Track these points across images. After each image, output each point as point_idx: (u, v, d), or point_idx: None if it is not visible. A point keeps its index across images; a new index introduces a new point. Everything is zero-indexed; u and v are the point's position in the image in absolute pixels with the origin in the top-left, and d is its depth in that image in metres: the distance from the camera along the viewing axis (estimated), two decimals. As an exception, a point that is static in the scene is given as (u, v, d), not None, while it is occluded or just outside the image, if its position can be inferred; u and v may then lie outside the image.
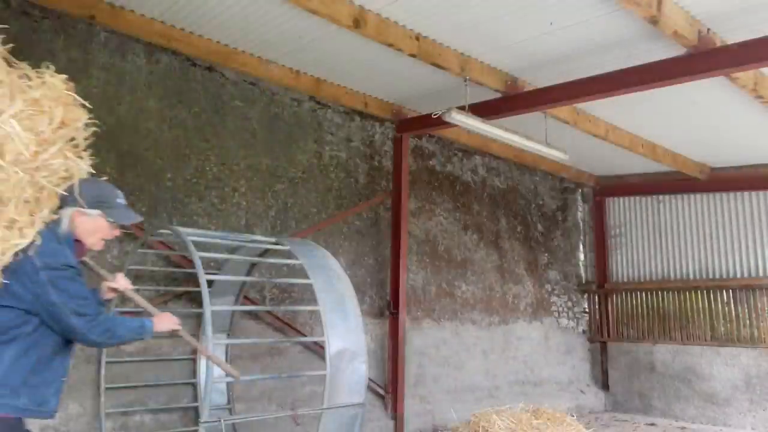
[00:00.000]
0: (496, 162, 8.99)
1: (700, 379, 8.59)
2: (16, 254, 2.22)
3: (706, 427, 8.28)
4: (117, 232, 2.68)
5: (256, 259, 5.22)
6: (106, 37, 5.16)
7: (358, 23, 4.70)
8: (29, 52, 4.74)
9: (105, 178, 2.71)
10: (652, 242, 9.53)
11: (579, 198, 10.44)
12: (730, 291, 8.55)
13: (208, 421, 3.79)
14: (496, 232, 8.84)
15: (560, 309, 9.72)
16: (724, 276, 8.67)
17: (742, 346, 8.28)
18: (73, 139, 2.42)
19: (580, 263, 10.30)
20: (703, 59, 4.78)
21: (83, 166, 2.43)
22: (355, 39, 5.13)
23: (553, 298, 9.64)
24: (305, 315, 6.28)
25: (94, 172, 2.57)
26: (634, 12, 4.34)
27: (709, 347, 8.58)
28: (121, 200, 2.70)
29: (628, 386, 9.35)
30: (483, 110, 5.94)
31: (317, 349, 6.15)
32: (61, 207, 2.43)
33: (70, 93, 2.45)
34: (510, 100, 5.98)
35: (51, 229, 2.37)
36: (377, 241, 7.18)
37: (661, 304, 9.25)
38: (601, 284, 9.95)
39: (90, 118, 2.65)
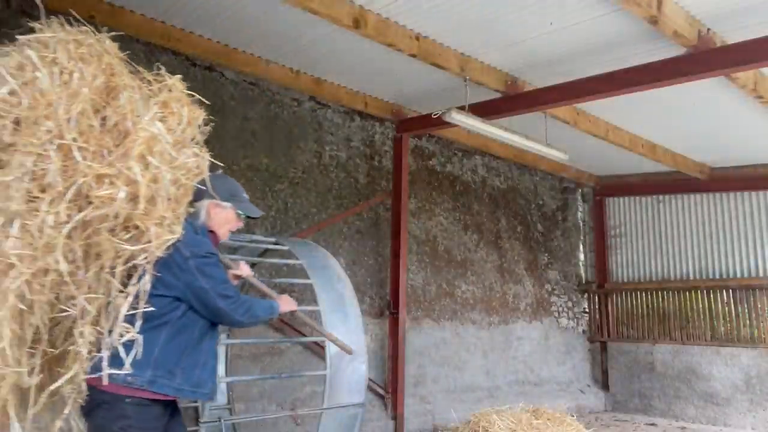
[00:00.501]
0: (496, 162, 9.00)
1: (700, 379, 8.59)
2: (167, 248, 2.36)
3: (706, 427, 8.28)
4: (241, 224, 2.88)
5: (256, 259, 5.22)
6: (106, 37, 5.16)
7: (358, 23, 4.70)
8: (29, 52, 4.76)
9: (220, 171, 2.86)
10: (652, 242, 9.53)
11: (579, 198, 10.44)
12: (730, 291, 8.55)
13: (208, 421, 3.79)
14: (496, 232, 8.84)
15: (560, 309, 9.72)
16: (724, 276, 8.67)
17: (742, 346, 8.27)
18: (194, 137, 2.56)
19: (580, 263, 10.30)
20: (703, 59, 4.77)
21: (206, 162, 2.55)
22: (355, 39, 5.13)
23: (553, 298, 9.64)
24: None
25: (223, 166, 2.80)
26: (634, 12, 4.33)
27: (709, 347, 8.58)
28: (245, 195, 2.91)
29: (628, 386, 9.35)
30: (483, 110, 5.94)
31: (317, 349, 6.15)
32: (196, 200, 2.60)
33: (189, 93, 2.58)
34: (510, 100, 5.98)
35: (189, 221, 2.54)
36: (377, 241, 7.18)
37: (661, 304, 9.25)
38: (601, 284, 9.95)
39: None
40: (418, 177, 7.83)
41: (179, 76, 2.60)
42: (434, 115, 5.99)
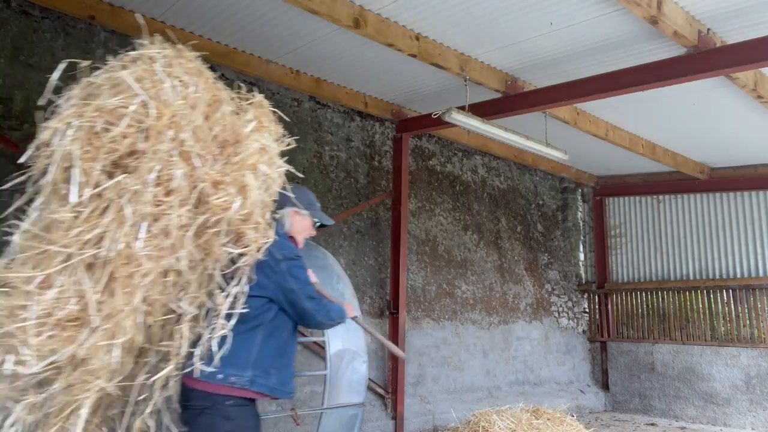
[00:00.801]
0: (496, 162, 9.00)
1: (700, 379, 8.59)
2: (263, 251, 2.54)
3: (706, 427, 8.28)
4: (315, 233, 3.04)
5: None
6: (106, 37, 5.16)
7: (358, 23, 4.70)
8: (29, 52, 4.75)
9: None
10: (652, 242, 9.53)
11: (579, 198, 10.44)
12: (730, 291, 8.55)
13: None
14: (496, 232, 8.84)
15: (560, 309, 9.72)
16: (724, 276, 8.67)
17: (742, 346, 8.27)
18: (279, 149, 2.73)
19: (580, 263, 10.30)
20: (703, 59, 4.77)
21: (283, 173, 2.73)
22: (355, 39, 5.13)
23: (553, 298, 9.64)
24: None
25: (302, 176, 2.86)
26: (634, 12, 4.34)
27: (709, 347, 8.58)
28: (319, 204, 3.09)
29: (628, 386, 9.35)
30: (483, 110, 5.94)
31: (317, 349, 6.15)
32: (278, 208, 2.79)
33: (273, 110, 2.76)
34: (510, 100, 5.98)
35: (274, 227, 2.71)
36: (377, 241, 7.18)
37: (661, 304, 9.26)
38: (601, 284, 9.95)
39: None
40: (418, 177, 7.83)
41: (262, 95, 2.77)
42: (434, 115, 5.99)
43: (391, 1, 4.65)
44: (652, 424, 8.36)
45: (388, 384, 6.82)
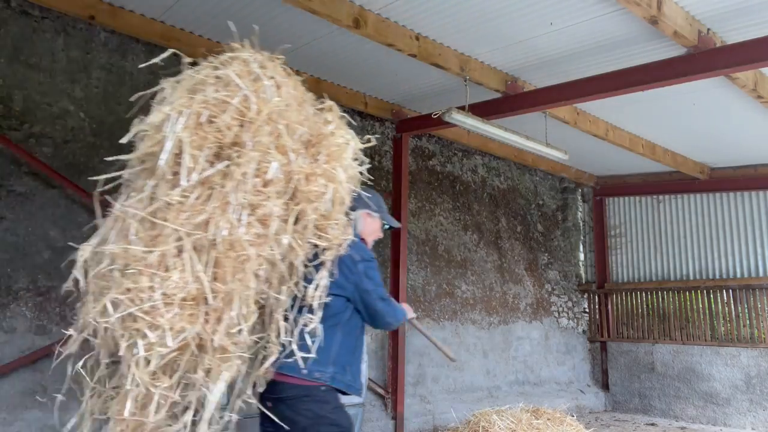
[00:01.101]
0: (496, 162, 8.99)
1: (700, 379, 8.59)
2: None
3: (706, 427, 8.28)
4: (382, 235, 3.16)
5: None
6: (106, 37, 5.16)
7: (358, 23, 4.70)
8: (29, 52, 4.75)
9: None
10: (652, 242, 9.53)
11: (579, 198, 10.44)
12: (730, 291, 8.55)
13: (208, 421, 3.78)
14: (496, 232, 8.84)
15: (560, 309, 9.72)
16: (724, 276, 8.67)
17: (742, 346, 8.27)
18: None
19: (580, 263, 10.30)
20: (703, 59, 4.77)
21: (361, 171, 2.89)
22: (355, 39, 5.13)
23: (553, 298, 9.64)
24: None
25: (372, 179, 3.04)
26: (634, 12, 4.33)
27: (709, 347, 8.58)
28: (386, 207, 3.19)
29: (628, 386, 9.35)
30: (483, 110, 5.93)
31: (317, 349, 6.15)
32: (351, 209, 2.85)
33: (343, 116, 2.95)
34: (510, 100, 5.98)
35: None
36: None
37: (661, 304, 9.25)
38: (601, 284, 9.95)
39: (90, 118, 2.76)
40: (418, 177, 7.83)
41: (332, 102, 2.95)
42: (434, 115, 5.99)
43: (391, 1, 4.64)
44: (652, 424, 8.35)
45: (388, 384, 6.82)
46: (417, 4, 4.67)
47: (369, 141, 2.93)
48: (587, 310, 10.10)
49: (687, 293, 8.98)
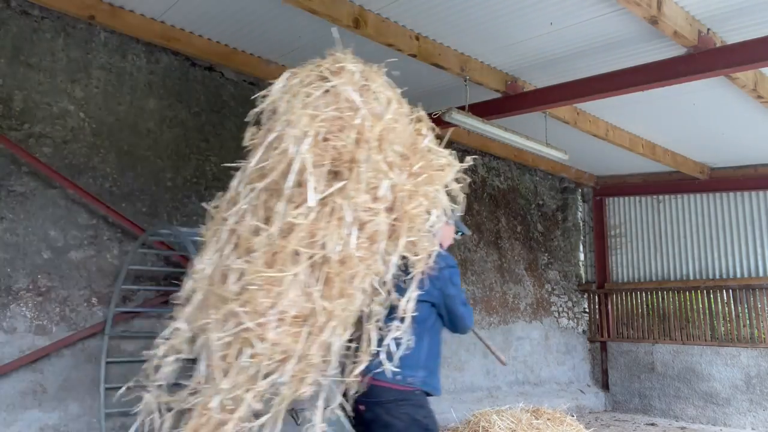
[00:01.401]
0: (496, 162, 8.99)
1: (700, 379, 8.59)
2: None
3: (706, 427, 8.28)
4: (453, 242, 3.20)
5: (256, 259, 5.22)
6: (106, 37, 5.16)
7: (358, 23, 4.70)
8: (29, 52, 4.75)
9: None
10: (652, 242, 9.53)
11: (579, 198, 10.43)
12: (730, 291, 8.55)
13: (208, 421, 3.78)
14: (496, 232, 8.84)
15: (560, 309, 9.72)
16: (724, 276, 8.67)
17: (742, 346, 8.27)
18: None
19: (580, 263, 10.29)
20: (703, 59, 4.77)
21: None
22: (355, 39, 5.12)
23: (553, 298, 9.64)
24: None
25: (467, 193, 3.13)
26: (634, 12, 4.33)
27: (709, 347, 8.57)
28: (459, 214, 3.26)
29: (628, 386, 9.35)
30: (483, 110, 5.93)
31: (317, 349, 6.15)
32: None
33: (432, 127, 3.04)
34: (510, 100, 5.98)
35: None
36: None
37: (661, 304, 9.25)
38: (601, 284, 9.95)
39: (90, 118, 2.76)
40: (418, 177, 7.82)
41: (423, 112, 3.00)
42: (434, 115, 5.98)
43: (391, 1, 4.64)
44: (652, 424, 8.36)
45: (388, 384, 6.81)
46: (417, 4, 4.67)
47: (468, 162, 3.08)
48: (587, 310, 10.09)
49: (687, 293, 8.98)
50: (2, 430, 4.29)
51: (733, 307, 8.50)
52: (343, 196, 2.38)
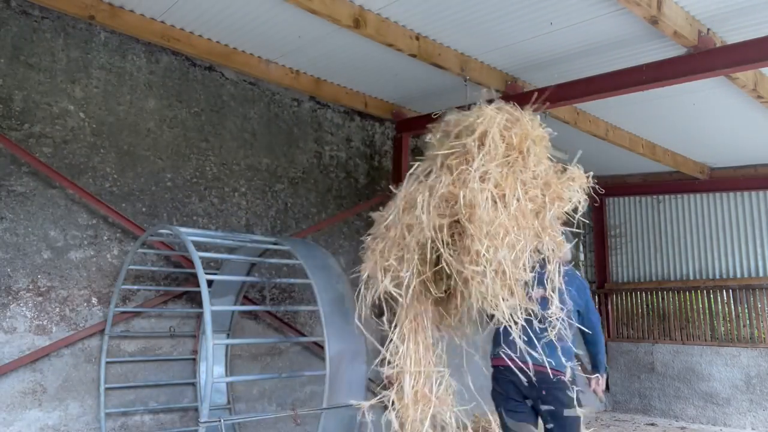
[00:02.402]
0: (496, 162, 8.98)
1: (700, 379, 8.59)
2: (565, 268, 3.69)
3: (706, 427, 8.28)
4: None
5: (256, 259, 5.22)
6: (106, 37, 5.16)
7: (358, 23, 4.70)
8: (29, 52, 4.75)
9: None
10: (652, 242, 9.53)
11: (579, 198, 10.42)
12: (730, 291, 8.55)
13: (208, 421, 3.78)
14: (496, 232, 8.82)
15: (560, 309, 9.70)
16: (724, 276, 8.67)
17: (742, 346, 8.27)
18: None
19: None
20: (703, 59, 4.77)
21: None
22: (355, 39, 5.12)
23: (553, 298, 9.62)
24: (305, 315, 6.28)
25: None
26: (634, 12, 4.34)
27: (709, 347, 8.58)
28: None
29: (628, 386, 9.35)
30: (483, 110, 5.92)
31: (317, 349, 6.15)
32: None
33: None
34: (510, 100, 5.96)
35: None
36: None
37: (661, 304, 9.26)
38: (601, 284, 9.95)
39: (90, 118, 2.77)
40: (418, 177, 7.82)
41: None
42: (434, 115, 5.97)
43: (391, 1, 4.64)
44: (652, 424, 8.36)
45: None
46: (417, 4, 4.67)
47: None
48: (587, 310, 10.08)
49: (687, 293, 8.98)
50: (2, 430, 4.28)
51: (733, 307, 8.50)
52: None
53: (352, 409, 4.27)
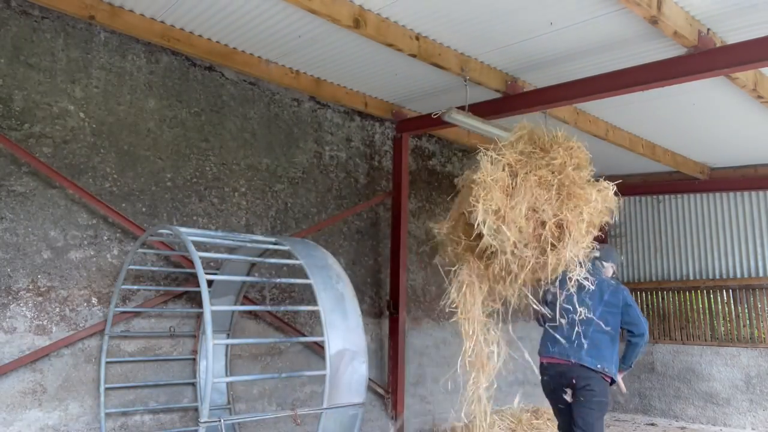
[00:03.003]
0: (496, 162, 8.98)
1: (700, 379, 8.59)
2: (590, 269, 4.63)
3: (706, 427, 8.28)
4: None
5: (256, 259, 5.21)
6: (106, 37, 5.16)
7: (358, 23, 4.70)
8: (29, 52, 4.75)
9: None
10: (652, 242, 9.53)
11: (579, 198, 10.42)
12: (730, 291, 8.56)
13: (208, 421, 3.78)
14: (496, 232, 8.82)
15: (560, 309, 9.70)
16: (724, 276, 8.67)
17: (742, 346, 8.27)
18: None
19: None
20: (703, 59, 4.77)
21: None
22: (355, 39, 5.12)
23: (553, 298, 9.63)
24: (305, 315, 6.28)
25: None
26: (634, 12, 4.34)
27: (709, 347, 8.58)
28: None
29: (627, 386, 9.30)
30: (483, 110, 5.93)
31: (317, 349, 6.15)
32: (605, 260, 4.89)
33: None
34: (510, 100, 5.98)
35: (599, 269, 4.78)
36: (377, 241, 7.18)
37: (660, 304, 9.26)
38: (601, 284, 9.94)
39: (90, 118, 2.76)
40: (418, 177, 7.83)
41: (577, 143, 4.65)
42: (434, 115, 5.99)
43: (391, 1, 4.64)
44: (652, 424, 8.35)
45: (388, 384, 6.82)
46: (417, 4, 4.67)
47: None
48: (587, 310, 10.08)
49: (687, 293, 8.98)
50: (2, 430, 4.28)
51: (733, 307, 8.51)
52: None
53: (352, 409, 4.27)
